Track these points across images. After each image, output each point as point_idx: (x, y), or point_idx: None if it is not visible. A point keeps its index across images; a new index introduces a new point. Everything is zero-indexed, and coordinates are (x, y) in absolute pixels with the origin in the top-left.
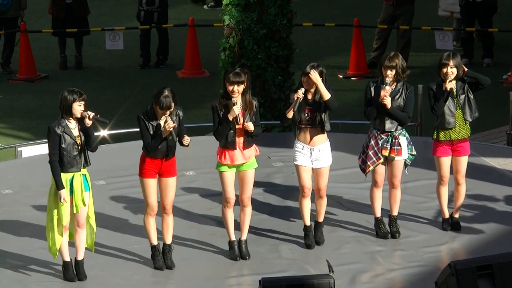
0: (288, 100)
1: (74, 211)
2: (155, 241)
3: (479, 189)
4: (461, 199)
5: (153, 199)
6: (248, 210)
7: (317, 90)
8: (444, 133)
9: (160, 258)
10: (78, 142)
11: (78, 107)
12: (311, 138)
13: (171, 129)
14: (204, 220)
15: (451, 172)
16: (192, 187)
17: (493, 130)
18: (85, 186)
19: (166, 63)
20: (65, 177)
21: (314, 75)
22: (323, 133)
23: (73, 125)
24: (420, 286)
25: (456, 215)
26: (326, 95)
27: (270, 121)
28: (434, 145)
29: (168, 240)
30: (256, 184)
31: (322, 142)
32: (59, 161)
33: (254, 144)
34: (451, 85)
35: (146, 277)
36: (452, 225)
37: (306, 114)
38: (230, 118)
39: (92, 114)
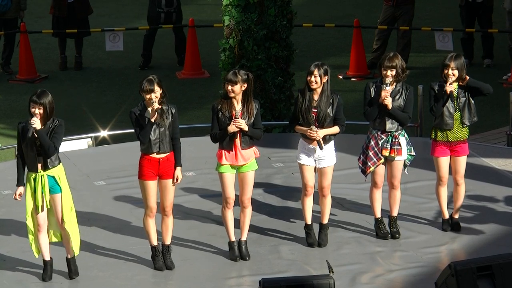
0: (288, 101)
1: (36, 212)
2: (155, 242)
3: (479, 190)
4: (460, 199)
5: (152, 201)
6: (248, 211)
7: (323, 92)
8: (442, 134)
9: (160, 258)
10: (36, 143)
11: (31, 109)
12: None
13: (155, 108)
14: (204, 220)
15: (450, 172)
16: (192, 188)
17: (493, 131)
18: (52, 188)
19: (167, 63)
20: (30, 175)
21: (317, 134)
22: None
23: (36, 125)
24: (420, 287)
25: (456, 216)
26: (335, 133)
27: (270, 121)
28: (432, 145)
29: (167, 241)
30: (256, 184)
31: (326, 142)
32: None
33: (254, 146)
34: (451, 88)
35: (147, 278)
36: (452, 225)
37: (312, 116)
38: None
39: (32, 123)
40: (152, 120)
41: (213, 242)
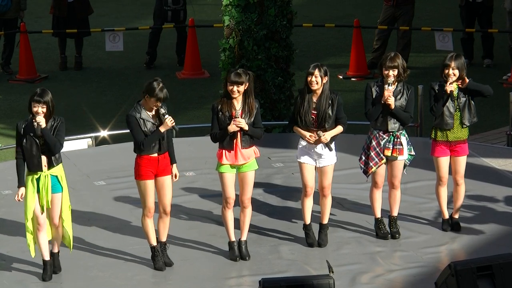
0: (288, 101)
1: (40, 211)
2: (154, 242)
3: (479, 190)
4: (460, 199)
5: (151, 201)
6: (248, 211)
7: (322, 93)
8: (442, 133)
9: (160, 258)
10: (39, 142)
11: (33, 108)
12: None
13: (173, 123)
14: (204, 220)
15: (450, 172)
16: (192, 188)
17: (493, 131)
18: (54, 188)
19: (167, 63)
20: (31, 176)
21: (324, 137)
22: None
23: (43, 123)
24: (420, 287)
25: (456, 216)
26: (339, 133)
27: (270, 122)
28: (432, 145)
29: (164, 238)
30: (256, 184)
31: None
32: (24, 159)
33: (254, 146)
34: (451, 87)
35: (147, 278)
36: (452, 225)
37: (311, 118)
38: (162, 130)
39: (38, 121)
40: (163, 130)
41: (213, 242)
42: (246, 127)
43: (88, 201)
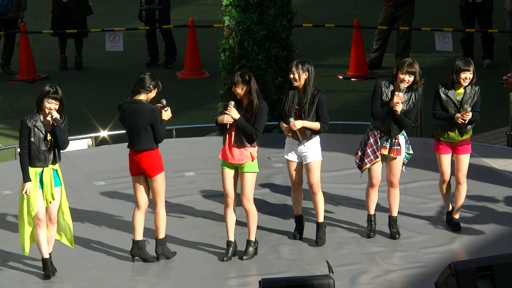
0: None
1: (44, 205)
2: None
3: (479, 190)
4: (461, 199)
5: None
6: (250, 213)
7: (304, 89)
8: (444, 133)
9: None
10: (48, 138)
11: (47, 104)
12: (300, 133)
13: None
14: (204, 221)
15: (453, 172)
16: (192, 188)
17: (493, 131)
18: (55, 181)
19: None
20: (34, 171)
21: (295, 124)
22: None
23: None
24: (420, 287)
25: (456, 216)
26: (315, 128)
27: (270, 122)
28: (435, 142)
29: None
30: (256, 184)
31: (308, 138)
32: (28, 154)
33: (251, 148)
34: (469, 117)
35: (147, 278)
36: (452, 226)
37: (294, 113)
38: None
39: (54, 116)
40: (167, 119)
41: (213, 242)
42: (236, 116)
43: (88, 201)
